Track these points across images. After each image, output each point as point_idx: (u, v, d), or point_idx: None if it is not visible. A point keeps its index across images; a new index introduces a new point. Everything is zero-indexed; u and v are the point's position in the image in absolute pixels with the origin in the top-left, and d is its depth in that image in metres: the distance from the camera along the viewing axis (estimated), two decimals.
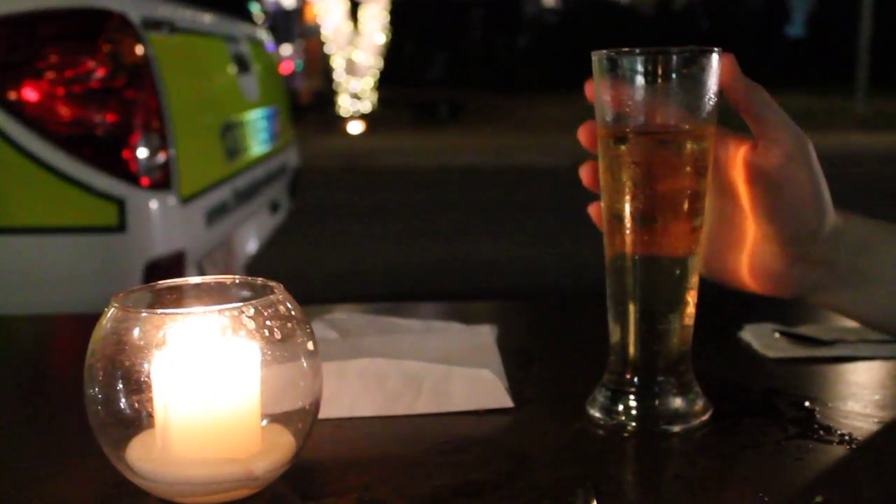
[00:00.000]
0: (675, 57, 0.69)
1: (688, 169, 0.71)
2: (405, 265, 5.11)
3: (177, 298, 0.62)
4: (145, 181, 2.05)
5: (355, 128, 13.90)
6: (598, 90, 0.72)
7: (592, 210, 0.78)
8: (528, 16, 26.07)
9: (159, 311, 0.57)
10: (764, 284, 0.75)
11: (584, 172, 0.77)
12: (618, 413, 0.73)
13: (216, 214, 2.51)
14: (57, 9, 2.01)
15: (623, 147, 0.71)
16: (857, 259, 0.72)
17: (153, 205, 2.08)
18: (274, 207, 3.54)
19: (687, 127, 0.70)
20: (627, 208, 0.72)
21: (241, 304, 0.57)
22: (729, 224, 0.76)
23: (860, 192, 7.23)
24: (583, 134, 0.75)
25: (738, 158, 0.73)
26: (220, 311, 0.56)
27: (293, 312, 0.59)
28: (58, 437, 0.72)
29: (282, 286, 0.60)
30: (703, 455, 0.67)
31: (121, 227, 2.00)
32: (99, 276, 2.02)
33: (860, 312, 0.75)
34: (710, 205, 0.75)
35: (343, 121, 14.72)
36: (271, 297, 0.58)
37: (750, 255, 0.75)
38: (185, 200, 2.21)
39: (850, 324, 0.98)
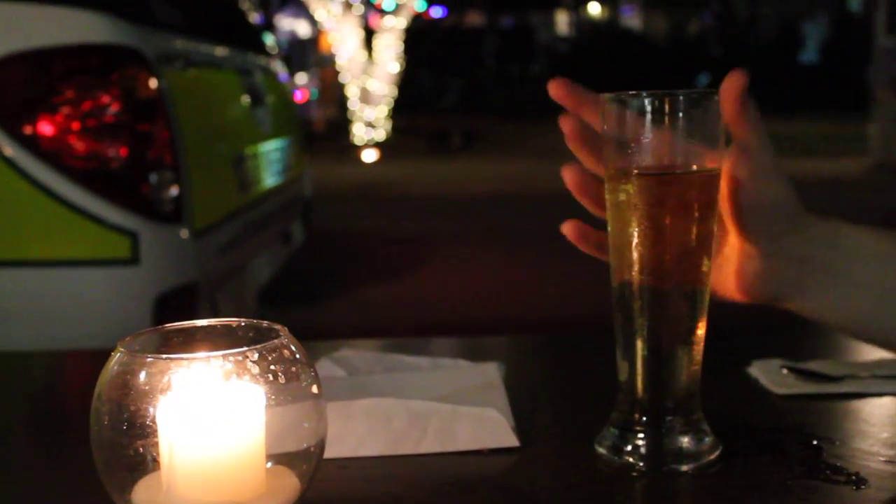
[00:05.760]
0: (681, 98, 0.70)
1: (695, 209, 0.71)
2: (419, 294, 5.12)
3: (184, 341, 0.62)
4: (158, 214, 2.06)
5: (369, 156, 13.95)
6: (606, 131, 0.73)
7: (568, 230, 0.78)
8: (541, 44, 26.18)
9: (164, 356, 0.58)
10: (741, 289, 0.75)
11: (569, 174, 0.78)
12: (626, 452, 0.73)
13: (229, 246, 2.52)
14: (72, 44, 2.03)
15: (630, 187, 0.71)
16: (829, 256, 0.72)
17: (166, 238, 2.09)
18: (287, 238, 3.55)
19: (694, 167, 0.71)
20: (634, 249, 0.72)
21: (246, 348, 0.57)
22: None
23: (873, 217, 7.21)
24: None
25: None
26: (224, 356, 0.56)
27: (297, 356, 0.60)
28: (64, 477, 0.73)
29: (286, 329, 0.61)
30: (710, 495, 0.67)
31: (134, 259, 2.01)
32: (112, 309, 2.03)
33: (837, 317, 0.75)
34: None
35: (357, 149, 14.78)
36: (276, 341, 0.59)
37: (727, 261, 0.76)
38: (199, 233, 2.22)
39: (860, 359, 0.98)
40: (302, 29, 22.96)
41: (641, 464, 0.72)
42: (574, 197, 0.78)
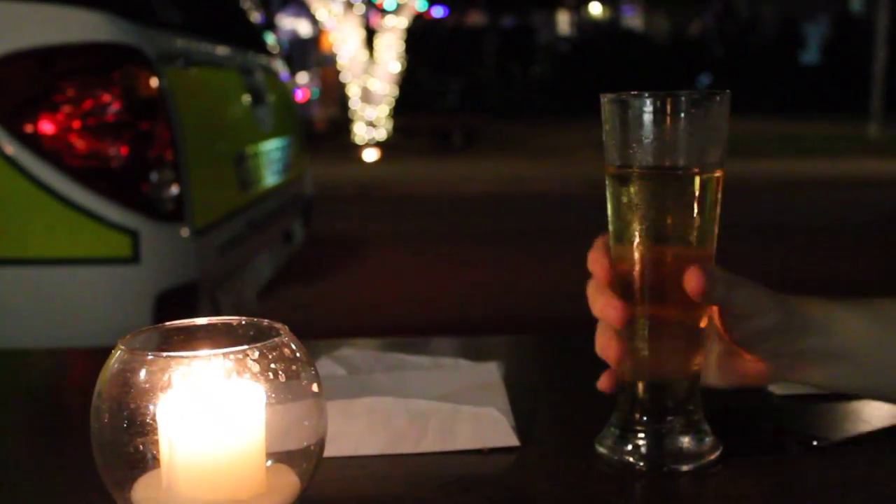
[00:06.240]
0: (683, 98, 0.70)
1: (696, 209, 0.71)
2: (420, 293, 5.12)
3: (184, 339, 0.62)
4: (159, 213, 2.06)
5: (370, 155, 13.95)
6: (606, 132, 0.73)
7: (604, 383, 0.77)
8: (542, 44, 26.18)
9: (164, 353, 0.58)
10: (724, 379, 0.76)
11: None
12: (626, 452, 0.73)
13: (230, 245, 2.52)
14: (73, 43, 2.03)
15: (631, 187, 0.71)
16: (825, 343, 0.74)
17: (167, 236, 2.09)
18: (288, 237, 3.55)
19: (696, 168, 0.71)
20: (635, 249, 0.72)
21: (246, 347, 0.57)
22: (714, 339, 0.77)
23: (874, 218, 7.21)
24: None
25: None
26: (224, 354, 0.56)
27: (298, 354, 0.60)
28: (64, 475, 0.73)
29: (287, 328, 0.61)
30: (710, 496, 0.67)
31: (134, 258, 2.01)
32: (112, 307, 2.03)
33: (836, 385, 0.77)
34: None
35: (358, 148, 14.78)
36: (276, 339, 0.59)
37: (721, 355, 0.76)
38: (199, 231, 2.22)
39: None
40: (303, 28, 22.97)
41: (642, 464, 0.72)
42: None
